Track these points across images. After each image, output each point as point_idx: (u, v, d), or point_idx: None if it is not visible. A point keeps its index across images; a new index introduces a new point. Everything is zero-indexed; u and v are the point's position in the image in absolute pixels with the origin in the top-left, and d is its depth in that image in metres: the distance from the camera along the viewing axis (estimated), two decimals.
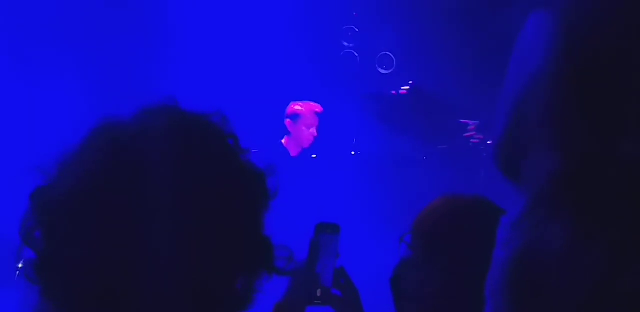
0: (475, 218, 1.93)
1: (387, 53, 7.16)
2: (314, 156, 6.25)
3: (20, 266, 1.47)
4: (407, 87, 7.06)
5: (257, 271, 1.18)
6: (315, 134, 6.17)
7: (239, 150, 1.18)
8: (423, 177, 6.54)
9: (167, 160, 1.11)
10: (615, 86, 1.32)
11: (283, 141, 6.22)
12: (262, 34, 6.93)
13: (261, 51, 6.93)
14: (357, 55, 7.21)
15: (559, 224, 1.33)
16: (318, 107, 6.22)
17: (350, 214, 5.88)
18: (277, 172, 1.20)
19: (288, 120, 6.18)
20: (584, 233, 1.30)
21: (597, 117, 1.32)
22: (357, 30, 7.17)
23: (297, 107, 6.16)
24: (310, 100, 6.28)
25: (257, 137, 6.24)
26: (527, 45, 1.48)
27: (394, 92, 7.08)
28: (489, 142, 6.06)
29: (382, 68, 7.18)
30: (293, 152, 6.21)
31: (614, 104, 1.31)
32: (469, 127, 6.61)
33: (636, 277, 1.24)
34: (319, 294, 2.00)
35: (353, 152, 6.79)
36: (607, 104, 1.32)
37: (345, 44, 7.19)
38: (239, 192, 1.16)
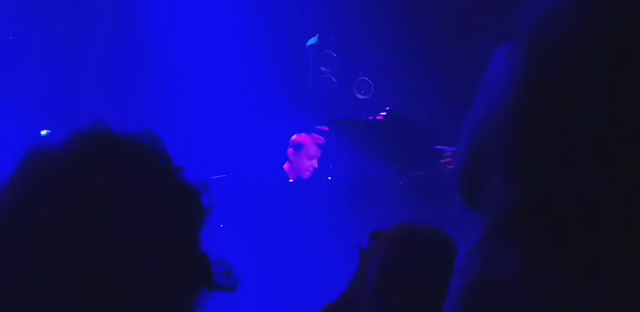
0: (427, 249, 1.98)
1: (365, 78, 7.19)
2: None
3: None
4: (384, 113, 7.08)
5: (197, 288, 1.20)
6: (316, 166, 6.20)
7: (172, 169, 1.21)
8: (399, 203, 6.54)
9: (100, 184, 1.13)
10: (570, 121, 1.34)
11: (285, 167, 6.26)
12: (239, 58, 6.94)
13: (238, 75, 6.94)
14: (334, 80, 7.23)
15: (513, 255, 1.35)
16: (321, 139, 6.25)
17: (324, 238, 5.87)
18: (210, 190, 1.23)
19: (290, 149, 6.20)
20: (537, 264, 1.32)
21: (551, 150, 1.34)
22: (335, 55, 7.20)
23: (300, 138, 6.18)
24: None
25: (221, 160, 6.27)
26: (491, 76, 1.50)
27: (371, 117, 7.10)
28: None
29: (360, 93, 7.21)
30: (292, 178, 6.26)
31: (568, 138, 1.33)
32: (445, 154, 6.63)
33: (587, 310, 1.25)
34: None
35: (329, 177, 6.79)
36: (561, 137, 1.34)
37: (323, 69, 7.21)
38: (173, 211, 1.18)
